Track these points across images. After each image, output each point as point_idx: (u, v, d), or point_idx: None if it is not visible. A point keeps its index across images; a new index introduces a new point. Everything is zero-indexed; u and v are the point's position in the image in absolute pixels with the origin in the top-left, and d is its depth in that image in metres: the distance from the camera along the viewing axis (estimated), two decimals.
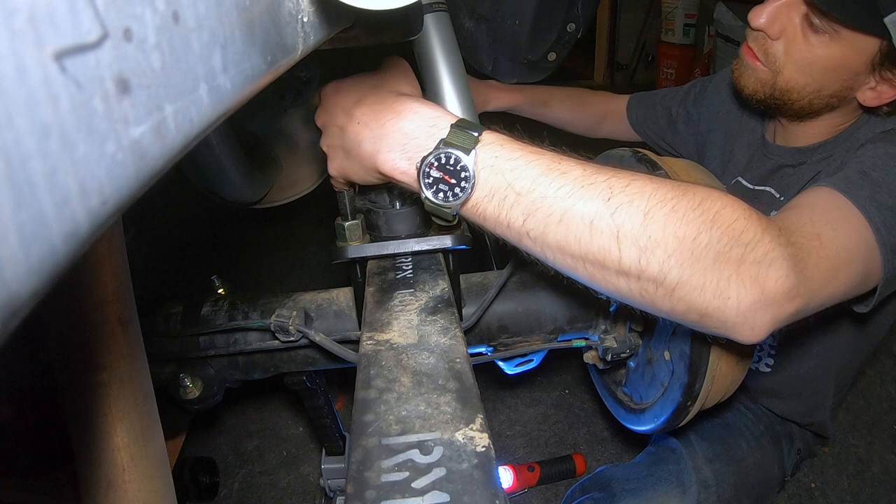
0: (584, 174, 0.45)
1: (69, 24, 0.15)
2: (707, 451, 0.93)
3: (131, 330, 0.46)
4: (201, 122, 0.23)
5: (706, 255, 0.44)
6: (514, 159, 0.46)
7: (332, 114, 0.55)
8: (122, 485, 0.45)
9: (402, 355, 0.43)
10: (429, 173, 0.46)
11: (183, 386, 0.66)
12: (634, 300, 0.47)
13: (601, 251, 0.44)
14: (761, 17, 0.78)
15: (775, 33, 0.78)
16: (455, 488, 0.31)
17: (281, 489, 1.31)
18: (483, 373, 1.33)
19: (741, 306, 0.45)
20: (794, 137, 0.88)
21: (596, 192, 0.44)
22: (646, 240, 0.43)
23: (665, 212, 0.44)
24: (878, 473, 1.31)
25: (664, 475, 0.90)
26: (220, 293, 0.72)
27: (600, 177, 0.45)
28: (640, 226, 0.43)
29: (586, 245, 0.44)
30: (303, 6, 0.35)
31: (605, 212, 0.44)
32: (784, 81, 0.79)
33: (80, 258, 0.18)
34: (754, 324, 0.46)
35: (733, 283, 0.44)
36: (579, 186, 0.44)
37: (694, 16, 3.35)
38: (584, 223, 0.44)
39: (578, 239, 0.44)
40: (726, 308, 0.45)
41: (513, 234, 0.47)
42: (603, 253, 0.44)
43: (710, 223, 0.44)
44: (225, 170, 1.02)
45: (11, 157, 0.14)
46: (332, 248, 0.61)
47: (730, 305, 0.45)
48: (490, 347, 0.72)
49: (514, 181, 0.45)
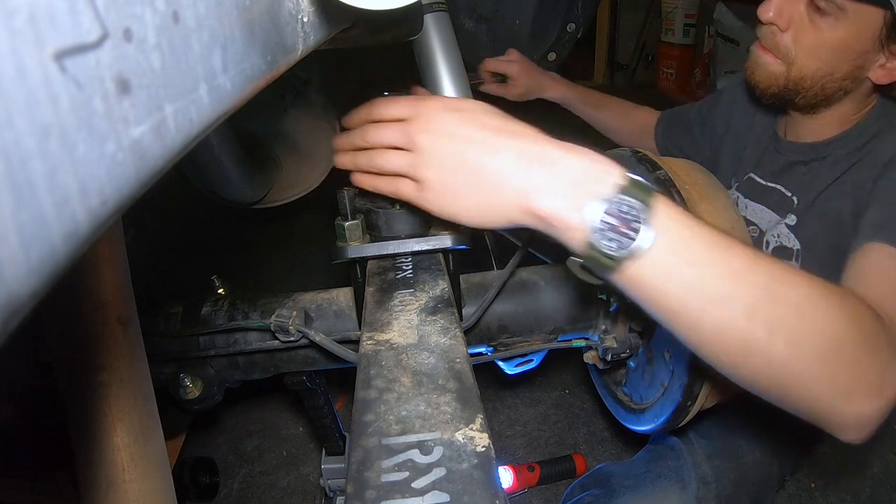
0: (752, 255, 0.43)
1: (69, 24, 0.15)
2: (707, 448, 0.93)
3: (131, 330, 0.46)
4: (201, 122, 0.23)
5: (845, 355, 0.45)
6: (690, 227, 0.42)
7: (454, 134, 0.46)
8: (122, 485, 0.45)
9: (402, 355, 0.43)
10: (602, 219, 0.41)
11: (183, 386, 0.66)
12: (760, 385, 0.47)
13: (753, 339, 0.43)
14: (769, 10, 0.79)
15: (784, 24, 0.79)
16: (455, 488, 0.31)
17: (281, 489, 1.31)
18: (483, 373, 1.33)
19: (862, 411, 0.47)
20: (807, 132, 0.89)
21: (760, 279, 0.43)
22: (797, 334, 0.43)
23: (819, 309, 0.44)
24: (878, 473, 1.31)
25: (664, 471, 0.90)
26: (220, 293, 0.72)
27: (763, 262, 0.44)
28: (796, 319, 0.43)
29: (738, 330, 0.43)
30: (303, 6, 0.35)
31: (766, 300, 0.42)
32: (797, 70, 0.80)
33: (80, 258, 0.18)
34: (867, 427, 0.49)
35: (860, 388, 0.46)
36: (747, 268, 0.42)
37: (694, 16, 3.36)
38: (746, 309, 0.42)
39: (734, 324, 0.42)
40: (847, 411, 0.47)
41: (667, 302, 0.44)
42: (752, 341, 0.43)
43: (852, 322, 0.45)
44: (225, 170, 1.02)
45: (11, 157, 0.14)
46: (332, 248, 0.61)
47: (851, 409, 0.47)
48: (490, 347, 0.72)
49: (686, 249, 0.42)
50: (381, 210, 0.62)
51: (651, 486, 0.88)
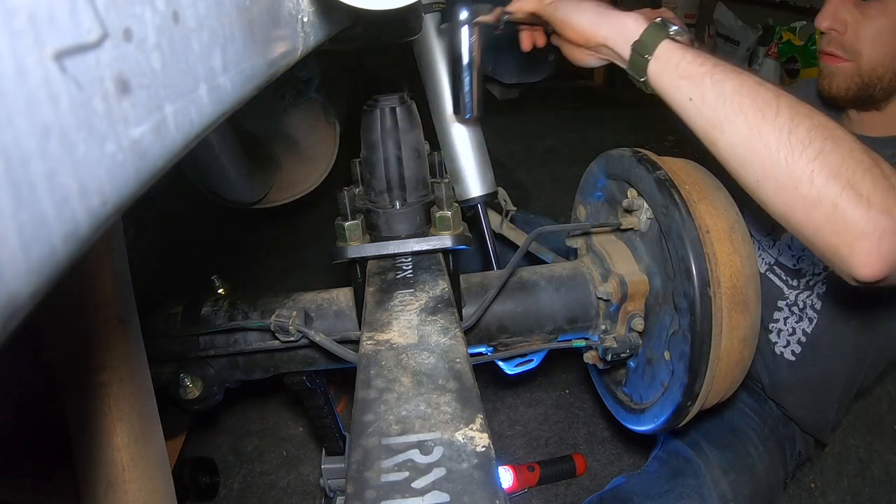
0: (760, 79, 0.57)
1: (69, 24, 0.15)
2: (721, 461, 0.93)
3: (131, 330, 0.46)
4: (201, 122, 0.23)
5: (848, 145, 0.50)
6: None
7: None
8: (122, 485, 0.45)
9: (402, 355, 0.43)
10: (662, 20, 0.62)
11: (183, 386, 0.66)
12: (773, 162, 0.53)
13: (765, 103, 0.53)
14: (825, 20, 0.86)
15: (842, 27, 0.84)
16: (455, 488, 0.31)
17: (281, 489, 1.31)
18: (483, 373, 1.33)
19: (871, 209, 0.48)
20: (868, 128, 0.91)
21: (767, 84, 0.56)
22: (801, 108, 0.52)
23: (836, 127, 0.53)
24: (878, 473, 1.31)
25: (685, 491, 0.90)
26: (220, 293, 0.72)
27: (768, 84, 0.56)
28: (809, 119, 0.52)
29: (754, 94, 0.54)
30: (303, 6, 0.35)
31: (769, 87, 0.55)
32: (867, 63, 0.84)
33: (80, 258, 0.18)
34: (875, 244, 0.49)
35: (867, 179, 0.49)
36: (755, 82, 0.56)
37: (694, 16, 3.35)
38: (755, 82, 0.55)
39: (751, 88, 0.54)
40: (857, 204, 0.48)
41: (698, 74, 0.57)
42: (766, 105, 0.53)
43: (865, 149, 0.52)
44: (225, 170, 1.02)
45: (11, 158, 0.14)
46: (332, 248, 0.61)
47: (860, 203, 0.49)
48: (490, 347, 0.72)
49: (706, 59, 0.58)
50: (381, 210, 0.62)
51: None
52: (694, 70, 0.58)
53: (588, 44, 0.68)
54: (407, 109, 0.61)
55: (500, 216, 1.03)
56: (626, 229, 0.73)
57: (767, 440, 1.00)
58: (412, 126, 0.62)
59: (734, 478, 0.92)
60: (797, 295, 0.98)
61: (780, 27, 2.80)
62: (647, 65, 0.61)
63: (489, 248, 0.97)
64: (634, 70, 0.63)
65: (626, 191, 0.72)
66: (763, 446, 0.98)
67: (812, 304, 0.96)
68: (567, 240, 0.84)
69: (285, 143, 1.27)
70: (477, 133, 0.96)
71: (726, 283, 0.61)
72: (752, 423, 1.01)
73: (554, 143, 2.87)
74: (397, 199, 0.62)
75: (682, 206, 0.62)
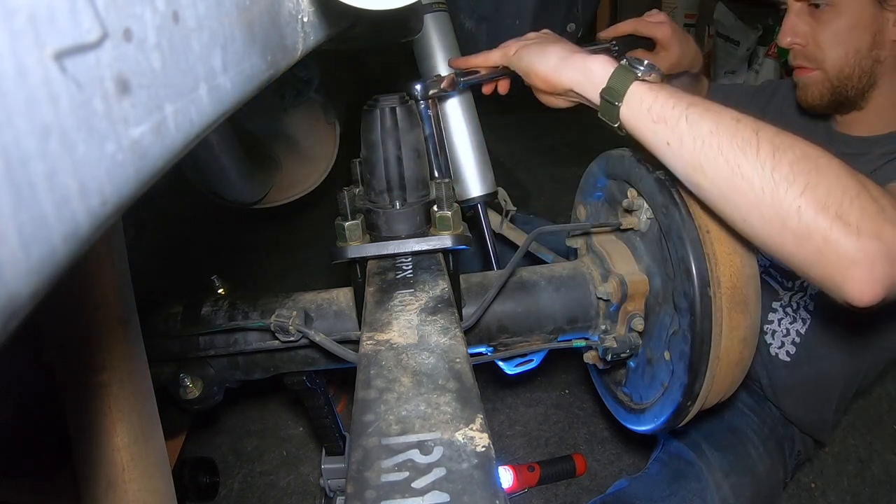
0: (738, 112, 0.55)
1: (69, 24, 0.15)
2: (722, 463, 0.93)
3: (131, 330, 0.46)
4: (201, 122, 0.23)
5: (833, 173, 0.49)
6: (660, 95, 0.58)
7: (538, 36, 0.75)
8: (122, 485, 0.45)
9: (402, 355, 0.43)
10: (629, 60, 0.60)
11: (183, 386, 0.66)
12: (758, 200, 0.51)
13: (744, 141, 0.51)
14: (786, 36, 0.89)
15: (802, 38, 0.88)
16: (455, 488, 0.31)
17: (281, 489, 1.31)
18: (483, 373, 1.33)
19: (861, 237, 0.47)
20: (857, 127, 0.92)
21: (746, 117, 0.54)
22: (800, 158, 0.50)
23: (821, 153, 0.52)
24: (878, 473, 1.31)
25: (688, 495, 0.90)
26: (220, 293, 0.72)
27: (747, 117, 0.54)
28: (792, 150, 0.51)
29: (732, 132, 0.52)
30: (303, 6, 0.35)
31: (748, 122, 0.53)
32: (832, 67, 0.86)
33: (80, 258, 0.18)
34: (868, 270, 0.48)
35: (855, 207, 0.48)
36: (732, 110, 0.54)
37: (694, 16, 3.35)
38: (732, 119, 0.53)
39: (728, 126, 0.53)
40: (847, 234, 0.48)
41: (672, 117, 0.55)
42: (746, 143, 0.51)
43: (851, 172, 0.51)
44: (225, 170, 1.02)
45: (11, 158, 0.14)
46: (332, 248, 0.60)
47: (850, 233, 0.48)
48: (490, 347, 0.72)
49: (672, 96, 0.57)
50: (381, 210, 0.62)
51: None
52: (668, 113, 0.56)
53: (555, 90, 0.68)
54: (407, 109, 0.61)
55: (500, 216, 1.03)
56: (626, 229, 0.73)
57: (767, 440, 1.00)
58: (412, 126, 0.62)
59: (735, 480, 0.92)
60: (791, 296, 0.98)
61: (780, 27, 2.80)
62: (619, 111, 0.59)
63: (489, 248, 0.97)
64: (606, 116, 0.61)
65: (626, 191, 0.72)
66: (763, 447, 0.98)
67: (805, 304, 0.96)
68: (567, 240, 0.84)
69: (285, 143, 1.27)
70: (477, 133, 0.96)
71: (726, 283, 0.61)
72: (751, 423, 1.01)
73: (554, 143, 2.87)
74: (397, 199, 0.62)
75: (682, 206, 0.62)
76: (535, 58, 0.68)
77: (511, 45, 0.75)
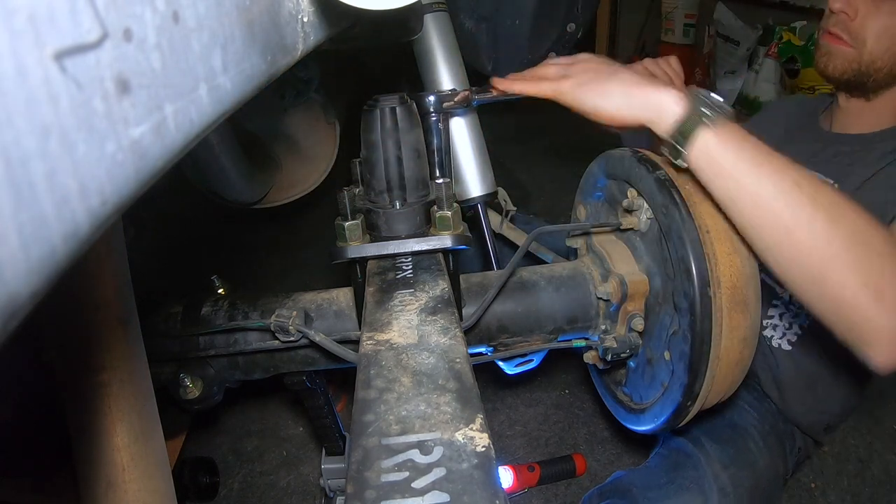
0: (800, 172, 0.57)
1: (69, 24, 0.15)
2: (721, 456, 0.93)
3: (131, 330, 0.46)
4: (201, 122, 0.23)
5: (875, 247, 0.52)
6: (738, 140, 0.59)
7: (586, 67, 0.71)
8: (122, 485, 0.45)
9: (402, 355, 0.43)
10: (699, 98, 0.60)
11: (183, 386, 0.66)
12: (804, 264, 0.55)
13: (800, 207, 0.54)
14: (837, 1, 0.86)
15: (853, 12, 0.85)
16: (455, 488, 0.31)
17: (281, 489, 1.31)
18: (483, 373, 1.33)
19: (893, 314, 0.51)
20: (859, 123, 0.92)
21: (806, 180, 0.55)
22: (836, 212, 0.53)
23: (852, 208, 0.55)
24: (878, 473, 1.31)
25: (685, 483, 0.90)
26: (220, 293, 0.72)
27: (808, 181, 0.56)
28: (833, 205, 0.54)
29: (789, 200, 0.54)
30: (303, 6, 0.35)
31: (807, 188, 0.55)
32: (868, 54, 0.86)
33: (80, 258, 0.18)
34: (890, 342, 0.52)
35: (891, 284, 0.51)
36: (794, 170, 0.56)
37: (694, 16, 3.35)
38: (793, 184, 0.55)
39: (788, 192, 0.54)
40: (881, 311, 0.51)
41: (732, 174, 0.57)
42: (797, 213, 0.54)
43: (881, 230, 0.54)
44: (225, 170, 1.02)
45: (11, 157, 0.14)
46: (332, 248, 0.60)
47: (884, 310, 0.51)
48: (490, 347, 0.72)
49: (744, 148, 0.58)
50: (381, 210, 0.62)
51: (675, 499, 0.89)
52: (729, 170, 0.57)
53: (623, 127, 0.67)
54: (407, 109, 0.61)
55: (500, 216, 1.03)
56: (626, 229, 0.73)
57: (767, 436, 1.00)
58: (412, 126, 0.62)
59: (734, 472, 0.92)
60: (791, 294, 0.98)
61: (780, 27, 2.80)
62: (683, 156, 0.60)
63: (489, 248, 0.97)
64: (670, 153, 0.62)
65: (626, 191, 0.72)
66: (763, 442, 0.98)
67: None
68: (567, 240, 0.84)
69: (285, 143, 1.27)
70: (477, 133, 0.96)
71: (726, 283, 0.61)
72: (751, 419, 1.01)
73: (554, 143, 2.87)
74: (397, 199, 0.62)
75: (682, 206, 0.62)
76: (599, 100, 0.66)
77: (560, 79, 0.70)
